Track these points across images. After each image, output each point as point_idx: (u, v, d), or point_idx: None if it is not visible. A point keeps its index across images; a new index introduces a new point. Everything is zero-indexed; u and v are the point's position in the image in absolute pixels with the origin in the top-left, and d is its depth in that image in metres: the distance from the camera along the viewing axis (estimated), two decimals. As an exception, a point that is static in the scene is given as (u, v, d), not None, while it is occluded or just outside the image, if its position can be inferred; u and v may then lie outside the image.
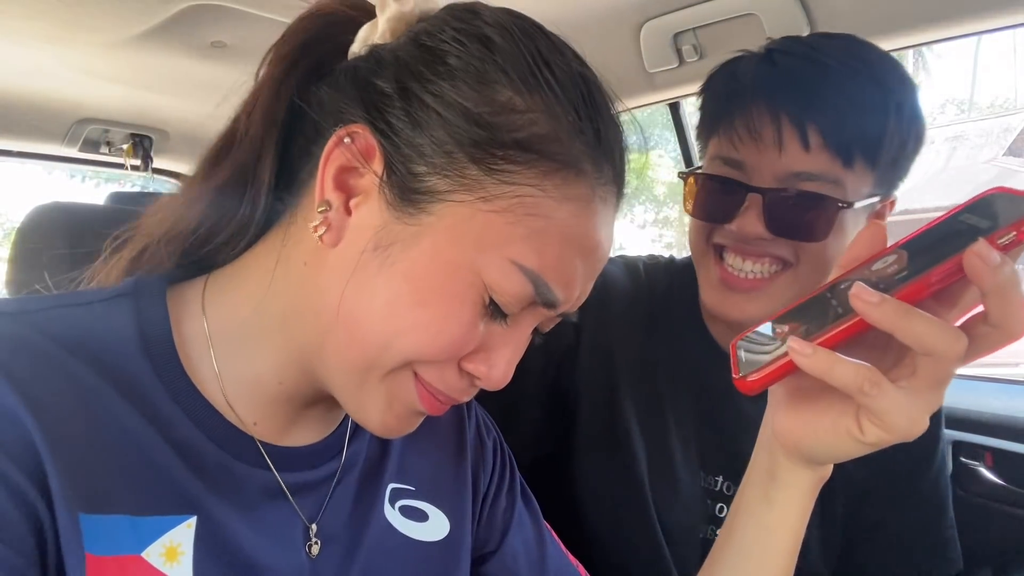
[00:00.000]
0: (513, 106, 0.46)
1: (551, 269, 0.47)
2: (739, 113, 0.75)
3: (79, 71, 1.54)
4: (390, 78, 0.47)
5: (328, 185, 0.47)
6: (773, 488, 0.56)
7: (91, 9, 1.22)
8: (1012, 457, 1.11)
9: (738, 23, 1.18)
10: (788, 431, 0.52)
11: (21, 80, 1.61)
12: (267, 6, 1.23)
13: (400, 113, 0.46)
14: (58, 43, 1.37)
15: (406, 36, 0.49)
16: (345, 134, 0.46)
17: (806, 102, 0.72)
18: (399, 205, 0.46)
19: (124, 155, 2.06)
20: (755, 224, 0.75)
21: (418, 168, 0.46)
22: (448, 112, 0.45)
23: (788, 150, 0.73)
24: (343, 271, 0.47)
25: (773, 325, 0.52)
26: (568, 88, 0.47)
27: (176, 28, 1.31)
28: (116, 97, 1.75)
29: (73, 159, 2.10)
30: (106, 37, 1.33)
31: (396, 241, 0.46)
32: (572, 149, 0.46)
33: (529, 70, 0.46)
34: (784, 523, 0.56)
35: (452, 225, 0.45)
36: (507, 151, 0.45)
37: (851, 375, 0.43)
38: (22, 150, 1.99)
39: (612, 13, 1.24)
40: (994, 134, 8.49)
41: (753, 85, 0.75)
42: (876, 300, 0.41)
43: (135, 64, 1.48)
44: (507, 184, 0.45)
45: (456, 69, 0.46)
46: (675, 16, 1.21)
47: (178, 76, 1.57)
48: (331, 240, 0.47)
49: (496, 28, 0.47)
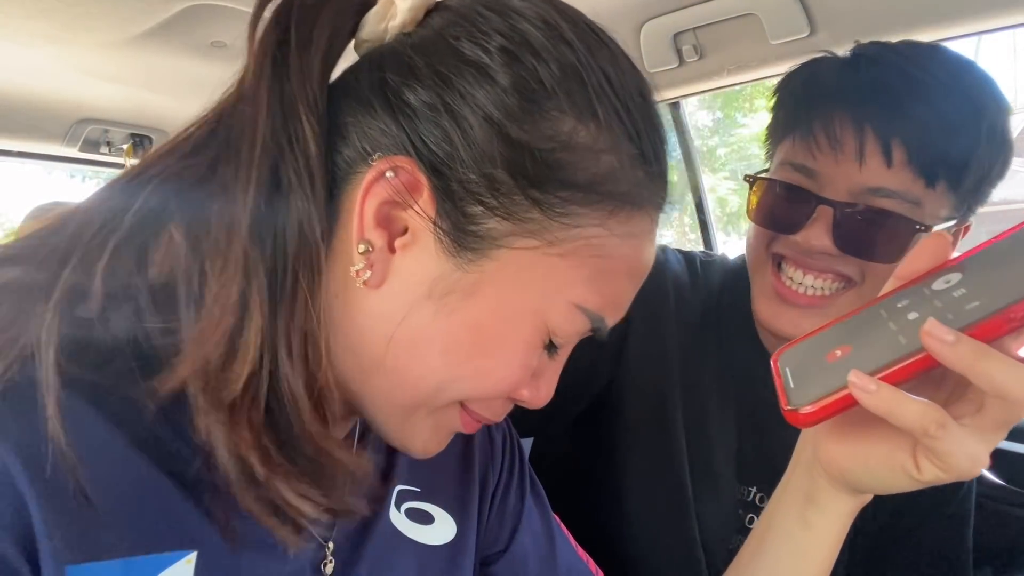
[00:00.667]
0: (576, 141, 0.41)
1: (610, 304, 0.45)
2: (819, 119, 0.71)
3: (79, 71, 1.54)
4: (431, 97, 0.41)
5: (368, 223, 0.41)
6: (811, 511, 0.54)
7: (91, 9, 1.22)
8: (1012, 457, 1.11)
9: (738, 23, 1.18)
10: (835, 459, 0.49)
11: (21, 80, 1.61)
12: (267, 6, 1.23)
13: (444, 142, 0.40)
14: (58, 43, 1.37)
15: (436, 33, 0.43)
16: (388, 167, 0.40)
17: (894, 115, 0.68)
18: (456, 251, 0.41)
19: (124, 155, 2.06)
20: (822, 238, 0.70)
21: (472, 209, 0.41)
22: (504, 146, 0.40)
23: (869, 164, 0.68)
24: (390, 317, 0.42)
25: (823, 343, 0.48)
26: (631, 109, 0.43)
27: (176, 28, 1.31)
28: (116, 97, 1.75)
29: (73, 159, 2.10)
30: (106, 37, 1.33)
31: (454, 291, 0.42)
32: (635, 182, 0.43)
33: (592, 92, 0.41)
34: (820, 547, 0.54)
35: (516, 272, 0.42)
36: (571, 192, 0.41)
37: (917, 416, 0.40)
38: (22, 150, 1.99)
39: (612, 13, 1.24)
40: (994, 134, 8.49)
41: (837, 91, 0.71)
42: (951, 339, 0.38)
43: (135, 64, 1.48)
44: (572, 228, 0.42)
45: (508, 89, 0.40)
46: (675, 16, 1.21)
47: (178, 76, 1.57)
48: (375, 283, 0.42)
49: (549, 35, 0.42)
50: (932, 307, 0.41)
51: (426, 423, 0.47)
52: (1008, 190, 3.23)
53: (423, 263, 0.42)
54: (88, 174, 5.15)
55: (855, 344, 0.45)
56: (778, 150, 0.78)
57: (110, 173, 2.58)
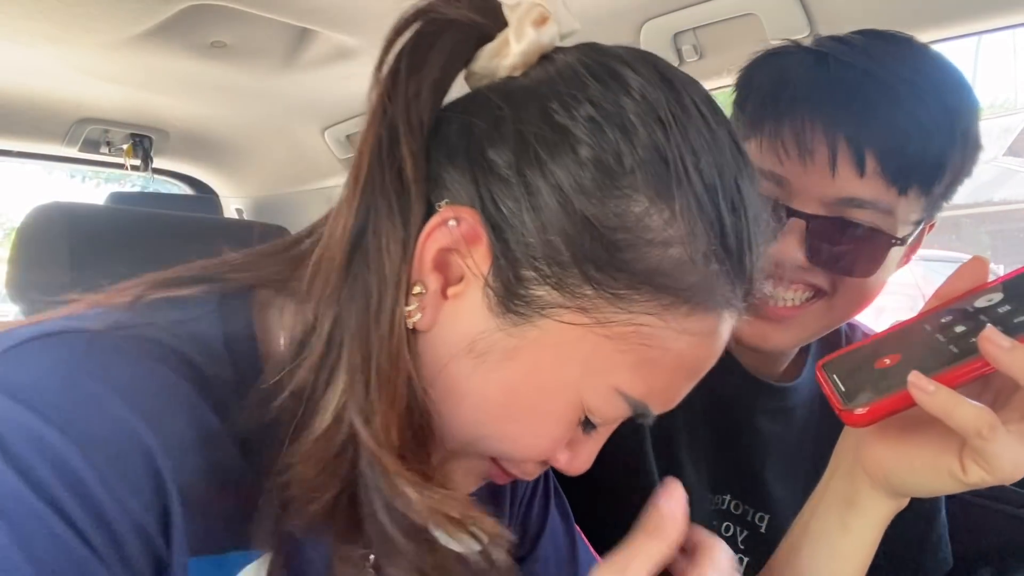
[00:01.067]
0: (646, 224, 0.39)
1: (656, 395, 0.43)
2: (789, 124, 0.67)
3: (79, 71, 1.54)
4: (509, 157, 0.40)
5: (426, 266, 0.41)
6: (851, 515, 0.55)
7: (91, 9, 1.22)
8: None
9: (738, 23, 1.18)
10: (879, 461, 0.52)
11: (21, 80, 1.61)
12: (267, 6, 1.23)
13: (513, 205, 0.40)
14: (58, 43, 1.37)
15: (533, 88, 0.42)
16: (452, 216, 0.41)
17: (867, 124, 0.65)
18: (501, 312, 0.41)
19: (124, 155, 2.06)
20: (794, 251, 0.67)
21: (526, 273, 0.40)
22: (568, 218, 0.39)
23: (841, 174, 0.65)
24: (431, 363, 0.42)
25: (869, 352, 0.50)
26: (717, 198, 0.40)
27: (176, 28, 1.30)
28: (116, 97, 1.75)
29: (73, 159, 2.10)
30: (106, 37, 1.33)
31: (494, 351, 0.41)
32: (704, 279, 0.41)
33: (674, 175, 0.39)
34: (858, 550, 0.56)
35: (558, 344, 0.41)
36: (629, 277, 0.40)
37: (972, 417, 0.42)
38: (22, 150, 1.99)
39: (612, 13, 1.23)
40: (994, 134, 8.48)
41: (808, 97, 0.67)
42: (1008, 346, 0.41)
43: (135, 64, 1.48)
44: (625, 312, 0.40)
45: (586, 162, 0.39)
46: (675, 16, 1.21)
47: (178, 76, 1.57)
48: (424, 325, 0.42)
49: (643, 109, 0.40)
50: (979, 321, 0.44)
51: (458, 466, 0.47)
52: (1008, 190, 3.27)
53: (469, 316, 0.42)
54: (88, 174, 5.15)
55: (904, 353, 0.47)
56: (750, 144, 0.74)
57: (110, 173, 2.58)
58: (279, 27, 1.34)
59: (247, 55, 1.45)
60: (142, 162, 2.09)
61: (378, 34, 0.45)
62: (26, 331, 0.38)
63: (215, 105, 1.85)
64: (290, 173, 2.28)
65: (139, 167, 2.10)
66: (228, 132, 2.11)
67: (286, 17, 1.27)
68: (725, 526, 0.83)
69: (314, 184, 2.28)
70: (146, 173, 2.14)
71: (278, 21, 1.29)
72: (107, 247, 0.75)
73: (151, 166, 2.12)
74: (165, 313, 0.43)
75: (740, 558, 0.82)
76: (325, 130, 1.99)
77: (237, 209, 2.50)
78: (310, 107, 1.86)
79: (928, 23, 1.03)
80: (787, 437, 0.83)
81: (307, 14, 1.26)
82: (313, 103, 1.82)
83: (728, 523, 0.83)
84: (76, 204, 0.79)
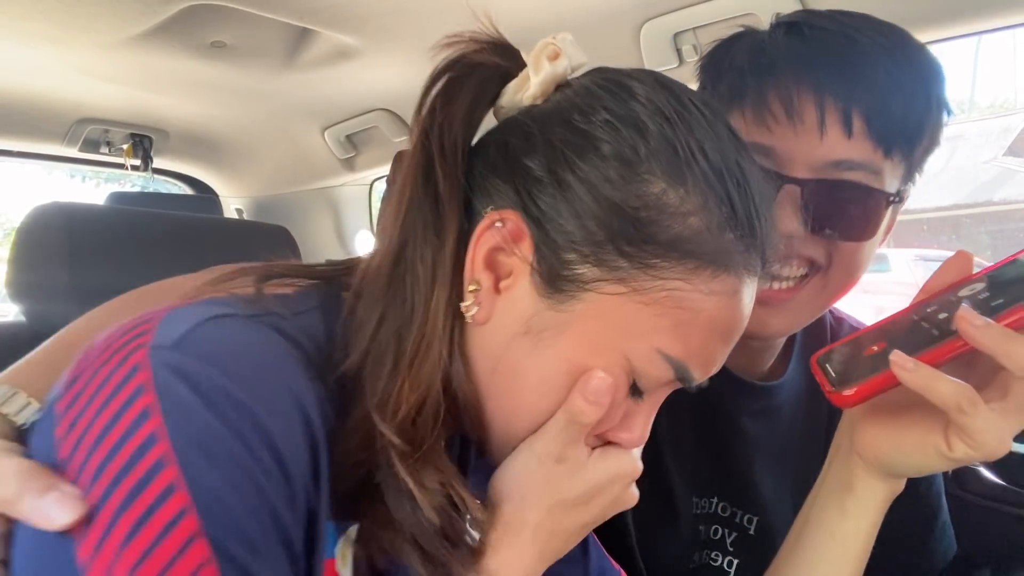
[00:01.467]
0: (665, 202, 0.46)
1: (694, 356, 0.48)
2: (773, 90, 0.66)
3: (79, 71, 1.54)
4: (541, 161, 0.47)
5: (479, 265, 0.48)
6: (849, 499, 0.58)
7: (91, 9, 1.22)
8: (1012, 457, 1.11)
9: (738, 23, 1.18)
10: (871, 444, 0.55)
11: (21, 80, 1.61)
12: (267, 6, 1.23)
13: (550, 200, 0.47)
14: (58, 43, 1.37)
15: (555, 107, 0.50)
16: (498, 218, 0.47)
17: (852, 84, 0.65)
18: (549, 292, 0.47)
19: (124, 155, 2.06)
20: (790, 220, 0.66)
21: (567, 256, 0.46)
22: (598, 205, 0.46)
23: (830, 136, 0.65)
24: (493, 350, 0.48)
25: (859, 343, 0.53)
26: (723, 177, 0.47)
27: (176, 28, 1.31)
28: (116, 97, 1.75)
29: (73, 159, 2.10)
30: (106, 37, 1.33)
31: (547, 328, 0.47)
32: (722, 245, 0.46)
33: (683, 160, 0.46)
34: (857, 534, 0.58)
35: (602, 314, 0.46)
36: (656, 247, 0.46)
37: (951, 392, 0.45)
38: (22, 150, 1.99)
39: (612, 13, 1.23)
40: (994, 134, 8.48)
41: (790, 62, 0.66)
42: (981, 323, 0.44)
43: (135, 64, 1.48)
44: (657, 279, 0.46)
45: (608, 157, 0.46)
46: (675, 16, 1.21)
47: (178, 76, 1.57)
48: (482, 318, 0.48)
49: (650, 110, 0.47)
50: (960, 307, 0.47)
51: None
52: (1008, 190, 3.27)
53: (522, 302, 0.47)
54: (88, 174, 5.15)
55: (889, 340, 0.50)
56: None
57: (110, 173, 2.58)
58: (279, 27, 1.34)
59: (247, 55, 1.45)
60: (142, 162, 2.09)
61: (378, 34, 0.46)
62: (197, 312, 0.43)
63: (215, 105, 1.86)
64: (290, 173, 2.28)
65: (139, 167, 2.11)
66: (228, 132, 2.11)
67: (286, 17, 1.27)
68: (714, 529, 0.82)
69: (314, 184, 2.28)
70: (146, 173, 2.14)
71: (278, 21, 1.29)
72: (107, 247, 0.75)
73: (151, 166, 2.12)
74: (281, 305, 0.48)
75: (730, 560, 0.81)
76: (325, 130, 1.99)
77: (237, 209, 2.50)
78: (310, 107, 1.87)
79: (928, 23, 1.03)
80: (773, 437, 0.82)
81: (307, 14, 1.26)
82: (313, 103, 1.82)
83: (716, 526, 0.82)
84: (76, 204, 0.79)
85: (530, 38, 0.53)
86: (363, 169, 2.12)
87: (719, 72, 0.73)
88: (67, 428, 0.38)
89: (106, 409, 0.37)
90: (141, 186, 2.40)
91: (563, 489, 0.49)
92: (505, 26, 0.54)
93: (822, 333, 0.87)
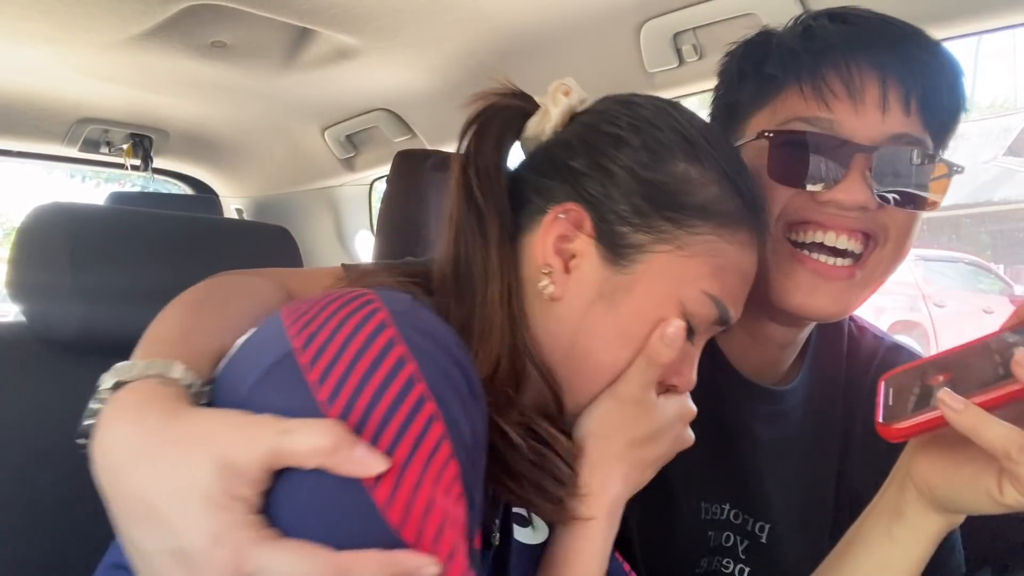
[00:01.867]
0: (689, 176, 0.57)
1: (729, 295, 0.58)
2: (832, 68, 0.68)
3: (79, 71, 1.54)
4: (585, 160, 0.58)
5: (549, 251, 0.57)
6: (899, 526, 0.58)
7: (91, 9, 1.22)
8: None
9: (738, 23, 1.18)
10: (925, 476, 0.55)
11: (21, 80, 1.61)
12: (267, 6, 1.24)
13: (599, 187, 0.57)
14: (58, 43, 1.37)
15: (582, 124, 0.61)
16: (561, 211, 0.57)
17: (909, 65, 0.68)
18: (613, 260, 0.57)
19: (124, 155, 2.06)
20: (861, 191, 0.66)
21: (622, 229, 0.57)
22: (638, 184, 0.57)
23: (892, 112, 0.67)
24: (572, 318, 0.57)
25: (929, 369, 0.51)
26: (725, 158, 0.60)
27: (176, 28, 1.31)
28: (116, 97, 1.76)
29: (73, 159, 2.10)
30: (106, 37, 1.33)
31: (617, 289, 0.56)
32: (735, 207, 0.58)
33: (695, 146, 0.58)
34: (904, 562, 0.58)
35: (659, 270, 0.56)
36: (691, 210, 0.57)
37: (1000, 439, 0.45)
38: (22, 150, 1.99)
39: (612, 13, 1.24)
40: (994, 134, 8.48)
41: (849, 44, 0.68)
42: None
43: (135, 64, 1.48)
44: (695, 235, 0.57)
45: (638, 148, 0.58)
46: (675, 16, 1.21)
47: (178, 76, 1.57)
48: (558, 295, 0.57)
49: (658, 114, 0.60)
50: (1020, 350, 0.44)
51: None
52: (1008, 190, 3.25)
53: (591, 274, 0.57)
54: (88, 174, 5.15)
55: (956, 371, 0.48)
56: (771, 110, 0.73)
57: (110, 173, 2.58)
58: (279, 27, 1.34)
59: (247, 55, 1.45)
60: (142, 162, 2.09)
61: (378, 34, 0.46)
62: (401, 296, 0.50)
63: (215, 105, 1.86)
64: (290, 173, 2.28)
65: (139, 167, 2.11)
66: (228, 132, 2.11)
67: (286, 17, 1.27)
68: (725, 536, 0.81)
69: (314, 184, 2.28)
70: (146, 173, 2.14)
71: (278, 21, 1.29)
72: (107, 247, 0.75)
73: (151, 166, 2.12)
74: (401, 296, 0.52)
75: (741, 567, 0.80)
76: (325, 130, 1.99)
77: (237, 209, 2.50)
78: (310, 107, 1.87)
79: (928, 23, 1.02)
80: (783, 442, 0.81)
81: (307, 14, 1.26)
82: (313, 103, 1.82)
83: (728, 533, 0.81)
84: (76, 204, 0.79)
85: (531, 38, 0.53)
86: (363, 169, 2.12)
87: (762, 54, 0.74)
88: (320, 375, 0.42)
89: (361, 359, 0.42)
90: (141, 186, 2.40)
91: (639, 426, 0.57)
92: (506, 26, 0.54)
93: (839, 339, 0.86)
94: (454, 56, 1.42)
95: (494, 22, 1.25)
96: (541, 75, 0.63)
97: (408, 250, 1.19)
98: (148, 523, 0.39)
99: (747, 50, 0.77)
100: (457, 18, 1.25)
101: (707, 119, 0.80)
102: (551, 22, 1.28)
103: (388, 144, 1.91)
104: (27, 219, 0.76)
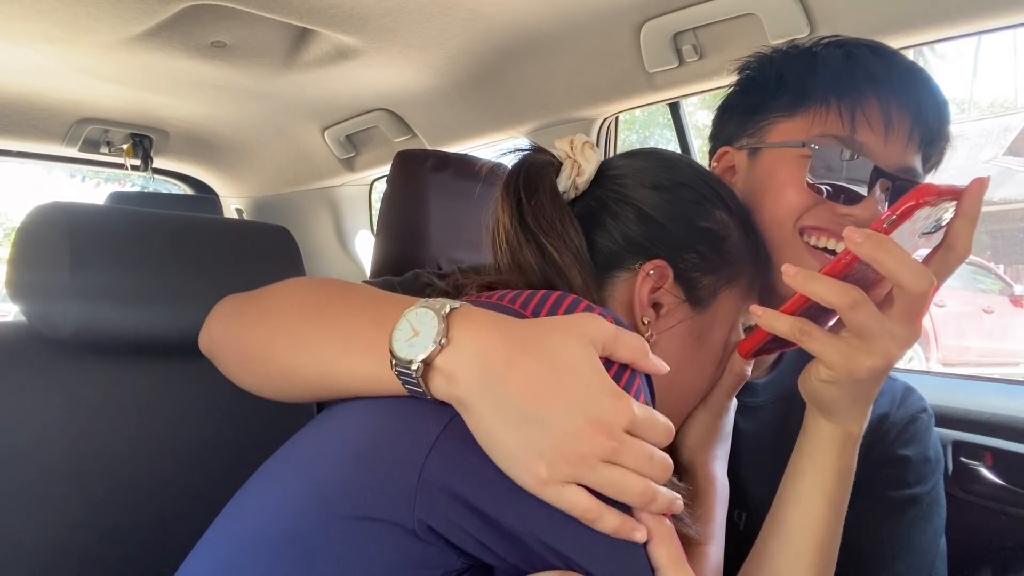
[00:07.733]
0: (725, 221, 0.68)
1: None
2: (874, 100, 0.75)
3: (79, 71, 1.54)
4: (665, 216, 0.66)
5: (644, 304, 0.64)
6: (803, 439, 0.68)
7: (91, 9, 1.23)
8: (1012, 457, 1.11)
9: (738, 23, 1.18)
10: (802, 384, 0.65)
11: (21, 80, 1.61)
12: (267, 6, 1.24)
13: (671, 239, 0.66)
14: (58, 43, 1.37)
15: (639, 182, 0.68)
16: (652, 268, 0.64)
17: (926, 110, 0.76)
18: (696, 305, 0.66)
19: (124, 155, 2.06)
20: (877, 211, 0.74)
21: (694, 274, 0.66)
22: (698, 233, 0.66)
23: (909, 147, 0.76)
24: (669, 359, 0.59)
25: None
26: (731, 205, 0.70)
27: (176, 28, 1.31)
28: (116, 97, 1.76)
29: (73, 159, 2.10)
30: (106, 37, 1.34)
31: (703, 328, 0.67)
32: (751, 245, 0.70)
33: (719, 196, 0.69)
34: (810, 471, 0.66)
35: (725, 304, 0.67)
36: (731, 248, 0.67)
37: (786, 328, 0.58)
38: (22, 150, 1.99)
39: (612, 13, 1.24)
40: (994, 134, 8.47)
41: (889, 78, 0.75)
42: (860, 239, 0.53)
43: (135, 64, 1.48)
44: (739, 267, 0.68)
45: (693, 203, 0.67)
46: (675, 16, 1.21)
47: (178, 76, 1.57)
48: (654, 341, 0.64)
49: (692, 173, 0.69)
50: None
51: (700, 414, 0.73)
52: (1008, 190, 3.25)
53: (683, 322, 0.66)
54: (88, 174, 5.16)
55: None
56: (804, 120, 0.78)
57: (110, 173, 2.58)
58: (279, 27, 1.34)
59: (247, 55, 1.45)
60: (142, 162, 2.10)
61: (378, 34, 0.46)
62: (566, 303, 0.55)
63: (215, 105, 1.86)
64: (290, 173, 2.28)
65: (139, 167, 2.11)
66: (228, 132, 2.11)
67: (286, 17, 1.27)
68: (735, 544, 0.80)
69: (314, 184, 2.28)
70: (146, 173, 2.14)
71: (278, 21, 1.29)
72: (107, 247, 0.75)
73: (151, 166, 2.12)
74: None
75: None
76: (325, 130, 1.99)
77: (237, 209, 2.51)
78: (310, 107, 1.87)
79: (928, 23, 1.03)
80: (760, 433, 0.84)
81: (307, 14, 1.26)
82: (313, 103, 1.82)
83: (738, 541, 0.79)
84: (76, 204, 0.79)
85: (531, 38, 0.53)
86: (363, 169, 2.12)
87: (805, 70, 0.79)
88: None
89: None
90: (141, 186, 2.40)
91: (725, 426, 0.72)
92: (507, 26, 0.54)
93: None
94: (454, 56, 1.42)
95: (494, 22, 1.25)
96: (541, 75, 0.63)
97: (408, 250, 1.20)
98: (558, 395, 0.44)
99: (787, 59, 0.80)
100: (457, 18, 1.26)
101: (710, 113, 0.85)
102: (551, 22, 1.28)
103: (388, 144, 1.92)
104: (27, 219, 0.76)
